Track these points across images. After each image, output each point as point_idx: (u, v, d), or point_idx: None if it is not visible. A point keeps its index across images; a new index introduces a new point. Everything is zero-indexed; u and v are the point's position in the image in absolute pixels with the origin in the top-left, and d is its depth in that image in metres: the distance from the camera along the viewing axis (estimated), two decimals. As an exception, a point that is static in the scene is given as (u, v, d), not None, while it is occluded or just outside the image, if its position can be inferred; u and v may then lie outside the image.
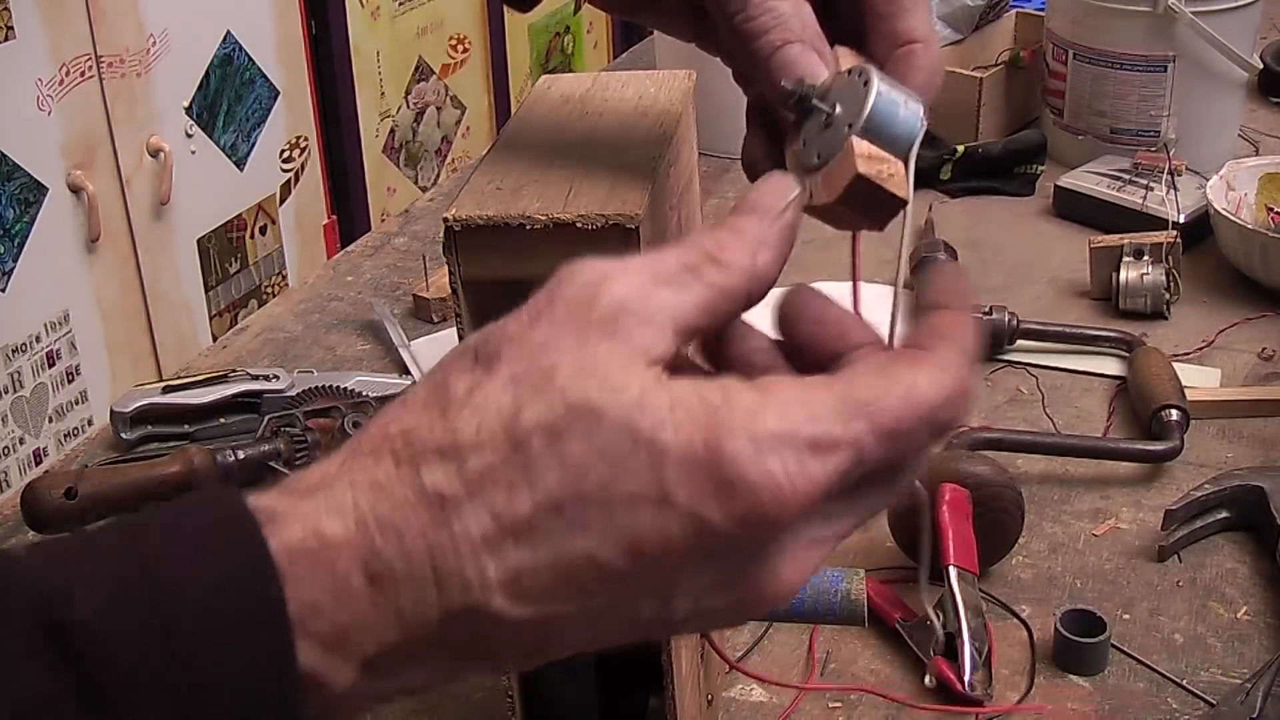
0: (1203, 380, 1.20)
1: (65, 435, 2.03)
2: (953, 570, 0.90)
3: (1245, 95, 1.61)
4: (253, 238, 2.40)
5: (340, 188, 2.62)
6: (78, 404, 2.06)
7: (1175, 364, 1.17)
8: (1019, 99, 1.69)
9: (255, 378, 1.19)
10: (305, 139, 2.49)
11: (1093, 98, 1.57)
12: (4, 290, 1.92)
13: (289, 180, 2.47)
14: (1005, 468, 1.00)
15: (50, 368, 2.00)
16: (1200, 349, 1.25)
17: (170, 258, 2.22)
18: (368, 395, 1.16)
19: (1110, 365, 1.23)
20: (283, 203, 2.46)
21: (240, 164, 2.35)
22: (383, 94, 2.70)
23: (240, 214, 2.36)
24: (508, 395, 0.41)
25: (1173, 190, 1.41)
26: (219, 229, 2.32)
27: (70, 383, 2.04)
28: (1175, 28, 1.50)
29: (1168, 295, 1.30)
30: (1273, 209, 1.38)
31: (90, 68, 2.01)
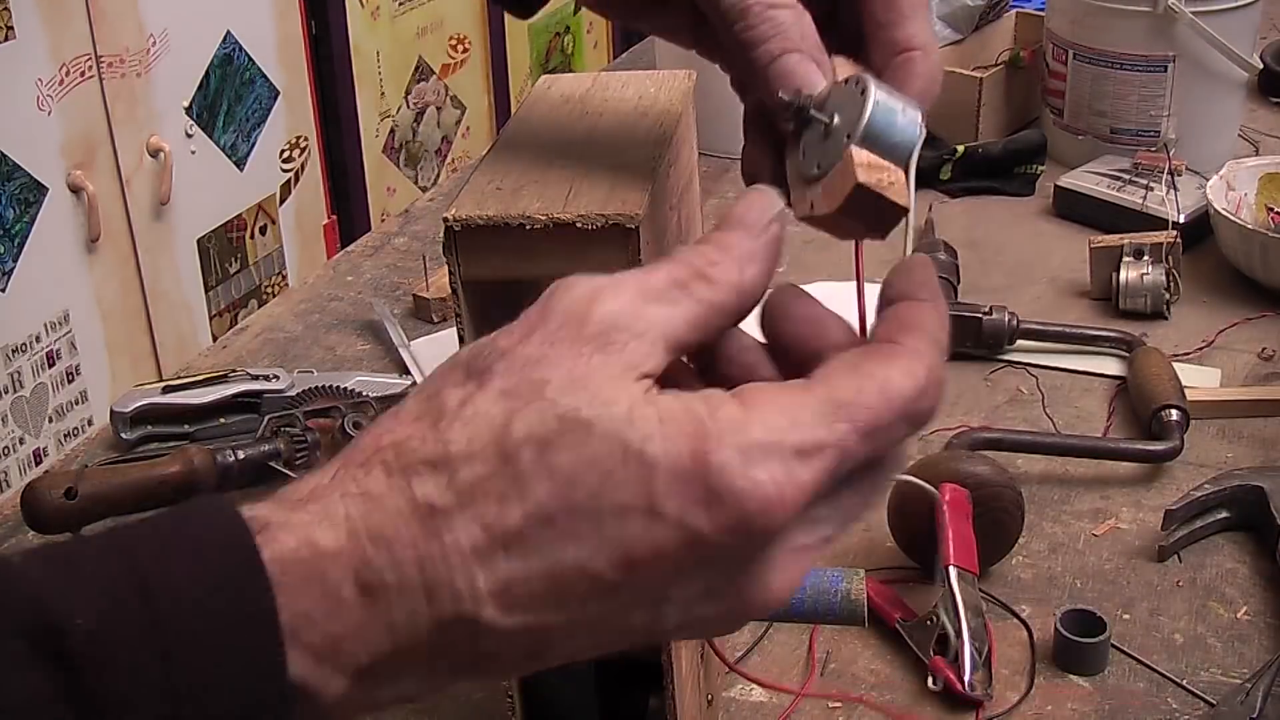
0: (1203, 380, 1.20)
1: (65, 435, 2.03)
2: (953, 570, 0.90)
3: (1245, 95, 1.61)
4: (253, 238, 2.40)
5: (340, 188, 2.62)
6: (78, 404, 2.06)
7: (1175, 364, 1.17)
8: (1019, 99, 1.69)
9: (255, 378, 1.19)
10: (305, 139, 2.49)
11: (1093, 98, 1.57)
12: (4, 290, 1.92)
13: (289, 180, 2.47)
14: (1005, 468, 1.00)
15: (50, 368, 2.00)
16: (1200, 349, 1.25)
17: (170, 258, 2.22)
18: (368, 395, 1.16)
19: (1110, 365, 1.23)
20: (283, 203, 2.46)
21: (240, 164, 2.35)
22: (383, 94, 2.70)
23: (240, 214, 2.36)
24: (499, 408, 0.41)
25: (1173, 190, 1.41)
26: (219, 229, 2.32)
27: (70, 383, 2.04)
28: (1175, 28, 1.50)
29: (1168, 295, 1.30)
30: (1273, 209, 1.38)
31: (90, 68, 2.01)
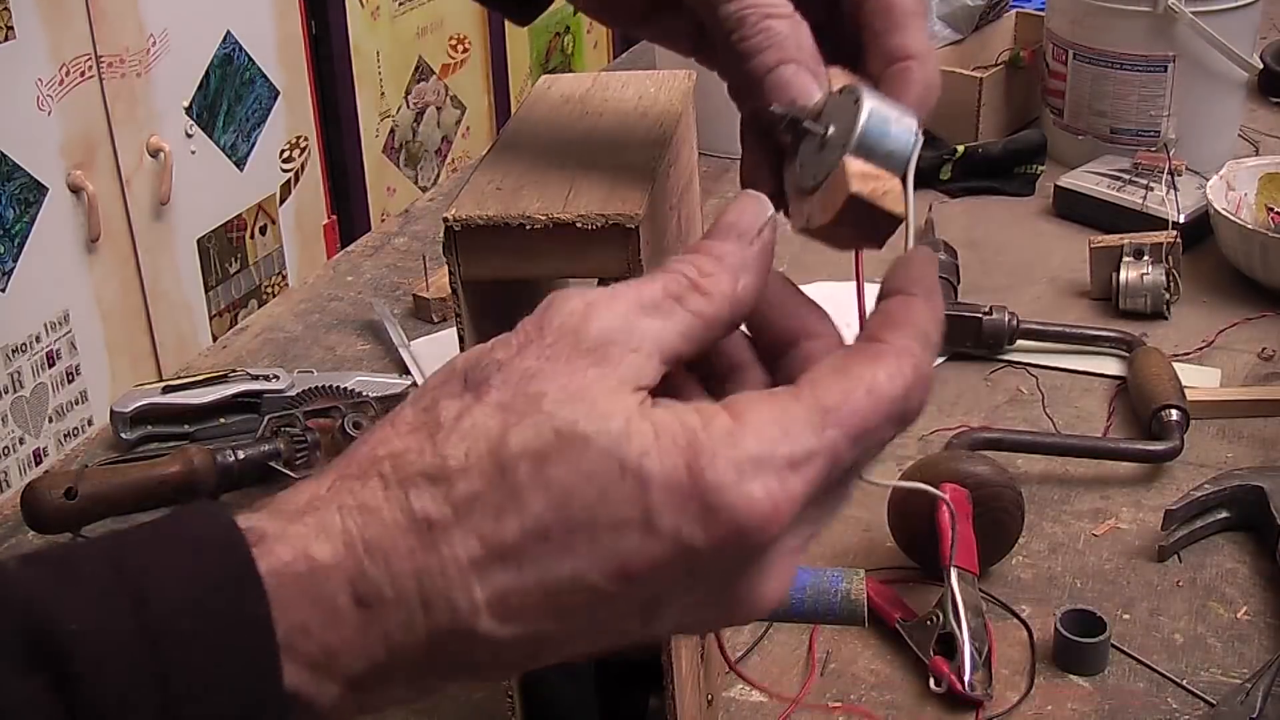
0: (1203, 380, 1.20)
1: (65, 435, 2.03)
2: (953, 570, 0.90)
3: (1245, 95, 1.61)
4: (253, 238, 2.40)
5: (340, 188, 2.62)
6: (78, 404, 2.06)
7: (1175, 364, 1.17)
8: (1019, 99, 1.69)
9: (255, 378, 1.19)
10: (305, 139, 2.49)
11: (1093, 98, 1.57)
12: (4, 290, 1.92)
13: (289, 180, 2.47)
14: (1005, 468, 1.00)
15: (50, 368, 2.00)
16: (1200, 349, 1.25)
17: (170, 258, 2.22)
18: (368, 395, 1.16)
19: (1110, 365, 1.23)
20: (283, 203, 2.46)
21: (240, 164, 2.35)
22: (383, 94, 2.70)
23: (240, 214, 2.36)
24: (495, 421, 0.41)
25: (1173, 190, 1.41)
26: (219, 229, 2.32)
27: (70, 383, 2.04)
28: (1175, 28, 1.50)
29: (1168, 295, 1.30)
30: (1273, 209, 1.38)
31: (90, 68, 2.01)
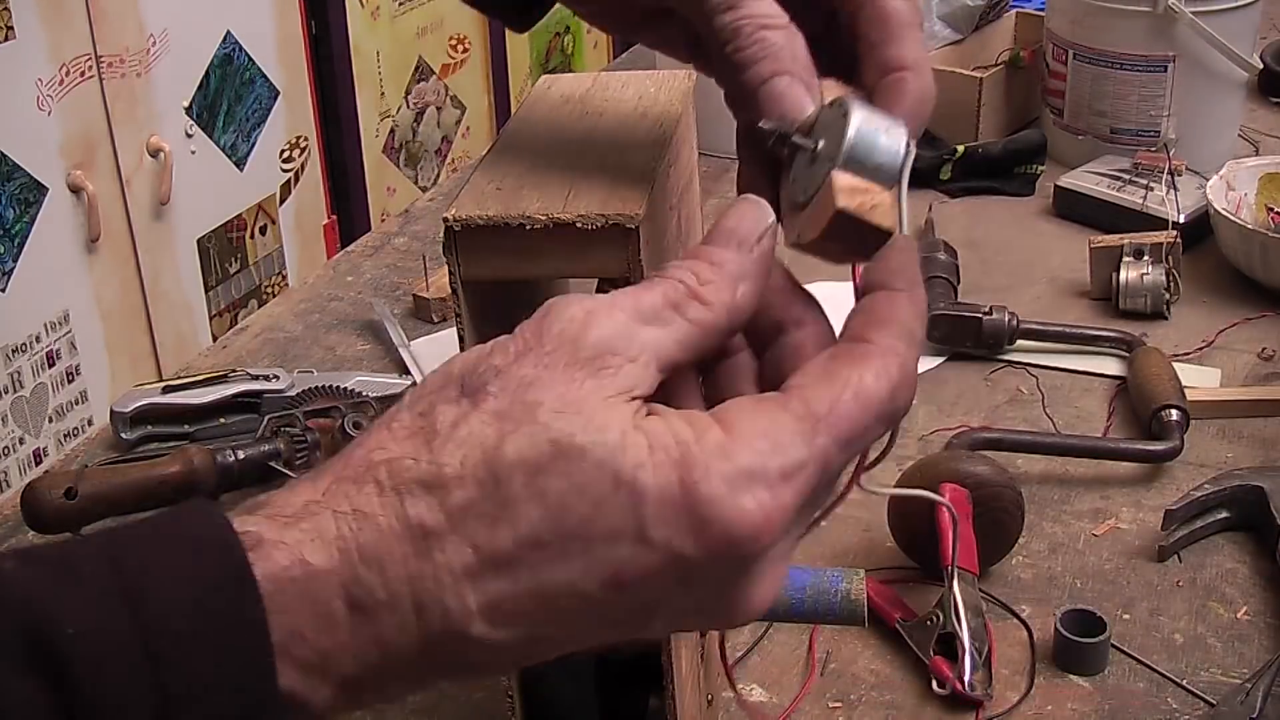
0: (1203, 380, 1.20)
1: (65, 435, 2.03)
2: (953, 570, 0.90)
3: (1245, 95, 1.61)
4: (253, 238, 2.40)
5: (340, 188, 2.62)
6: (78, 404, 2.06)
7: (1175, 364, 1.17)
8: (1019, 99, 1.69)
9: (255, 378, 1.19)
10: (305, 139, 2.49)
11: (1093, 98, 1.57)
12: (4, 290, 1.92)
13: (289, 180, 2.47)
14: (1005, 468, 1.00)
15: (50, 368, 2.00)
16: (1200, 349, 1.25)
17: (170, 258, 2.22)
18: (368, 395, 1.16)
19: (1110, 365, 1.23)
20: (283, 203, 2.46)
21: (240, 164, 2.35)
22: (383, 94, 2.70)
23: (240, 214, 2.36)
24: (492, 429, 0.42)
25: (1173, 190, 1.41)
26: (219, 229, 2.32)
27: (70, 383, 2.04)
28: (1175, 28, 1.50)
29: (1168, 295, 1.30)
30: (1273, 209, 1.38)
31: (90, 68, 2.01)
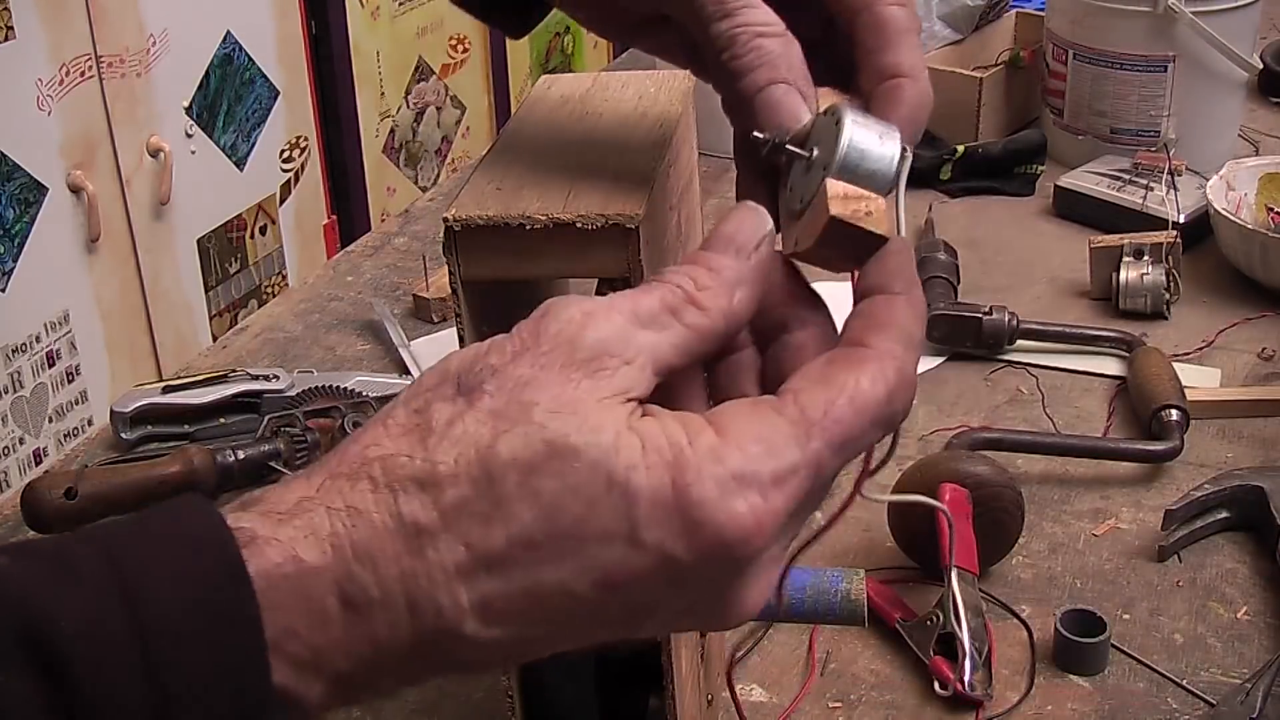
0: (1203, 380, 1.20)
1: (65, 435, 2.03)
2: (953, 570, 0.90)
3: (1245, 95, 1.61)
4: (253, 238, 2.40)
5: (340, 188, 2.62)
6: (78, 404, 2.06)
7: (1175, 364, 1.17)
8: (1019, 99, 1.69)
9: (255, 378, 1.19)
10: (305, 139, 2.49)
11: (1093, 98, 1.57)
12: (4, 290, 1.92)
13: (289, 180, 2.47)
14: (1005, 468, 1.00)
15: (50, 368, 2.00)
16: (1200, 349, 1.25)
17: (170, 258, 2.22)
18: (368, 395, 1.16)
19: (1110, 365, 1.23)
20: (283, 203, 2.46)
21: (240, 164, 2.35)
22: (383, 94, 2.70)
23: (240, 214, 2.36)
24: (487, 428, 0.42)
25: (1173, 190, 1.41)
26: (219, 229, 2.32)
27: (70, 383, 2.04)
28: (1175, 28, 1.50)
29: (1168, 295, 1.30)
30: (1273, 209, 1.38)
31: (90, 68, 2.01)
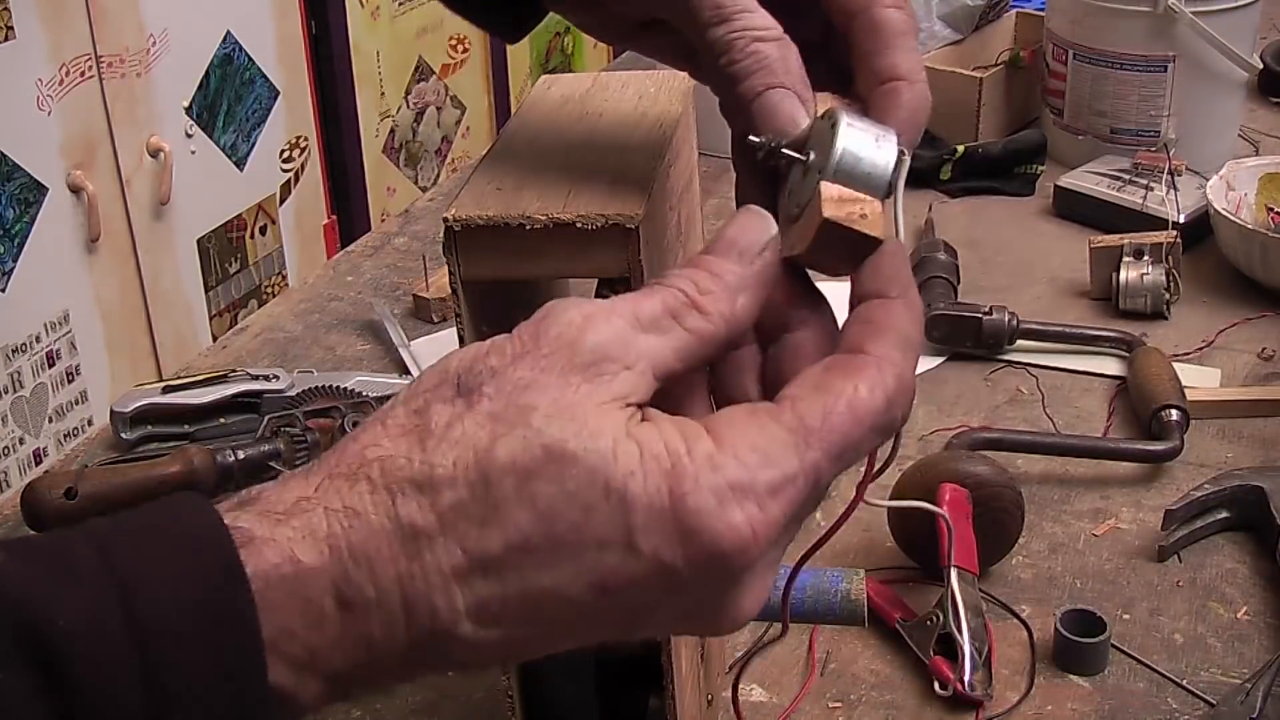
0: (1203, 380, 1.20)
1: (65, 435, 2.03)
2: (953, 570, 0.90)
3: (1245, 95, 1.61)
4: (253, 238, 2.40)
5: (340, 188, 2.62)
6: (78, 404, 2.06)
7: (1175, 364, 1.17)
8: (1019, 99, 1.69)
9: (255, 378, 1.19)
10: (305, 139, 2.49)
11: (1093, 98, 1.57)
12: (4, 290, 1.92)
13: (289, 180, 2.47)
14: (1005, 468, 1.00)
15: (50, 368, 2.00)
16: (1200, 349, 1.25)
17: (170, 258, 2.22)
18: (368, 395, 1.16)
19: (1110, 365, 1.23)
20: (283, 203, 2.46)
21: (240, 164, 2.35)
22: (383, 94, 2.70)
23: (240, 214, 2.36)
24: (485, 431, 0.42)
25: (1173, 190, 1.41)
26: (219, 229, 2.32)
27: (70, 383, 2.04)
28: (1175, 28, 1.50)
29: (1168, 295, 1.30)
30: (1273, 209, 1.38)
31: (90, 68, 2.01)
